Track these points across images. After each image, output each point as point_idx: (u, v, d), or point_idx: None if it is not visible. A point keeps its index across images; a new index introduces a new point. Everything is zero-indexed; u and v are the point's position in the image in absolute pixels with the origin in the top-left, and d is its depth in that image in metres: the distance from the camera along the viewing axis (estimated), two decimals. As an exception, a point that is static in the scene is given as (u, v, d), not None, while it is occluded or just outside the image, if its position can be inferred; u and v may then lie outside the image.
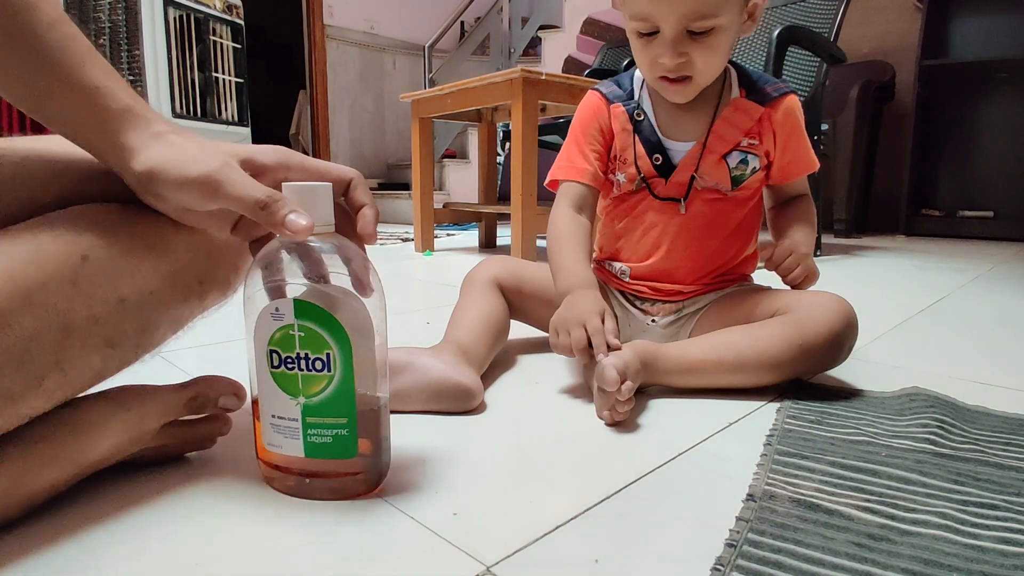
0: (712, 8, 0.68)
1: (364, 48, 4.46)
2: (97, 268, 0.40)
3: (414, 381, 0.63)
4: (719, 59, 0.73)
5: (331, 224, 0.44)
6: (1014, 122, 2.90)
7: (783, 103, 0.79)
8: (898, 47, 3.12)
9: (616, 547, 0.41)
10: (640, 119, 0.80)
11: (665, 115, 0.80)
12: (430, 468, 0.52)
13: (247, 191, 0.40)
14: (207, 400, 0.50)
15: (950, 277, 1.65)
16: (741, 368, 0.68)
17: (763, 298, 0.75)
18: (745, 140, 0.78)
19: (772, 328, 0.69)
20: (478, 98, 1.91)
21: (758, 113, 0.78)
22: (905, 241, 2.78)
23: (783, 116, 0.78)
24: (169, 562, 0.38)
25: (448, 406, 0.64)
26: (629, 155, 0.80)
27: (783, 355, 0.67)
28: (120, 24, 2.46)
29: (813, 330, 0.67)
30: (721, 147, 0.77)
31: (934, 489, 0.48)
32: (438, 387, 0.63)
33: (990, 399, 0.69)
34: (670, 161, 0.79)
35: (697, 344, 0.71)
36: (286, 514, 0.44)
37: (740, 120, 0.78)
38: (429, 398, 0.63)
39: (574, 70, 4.12)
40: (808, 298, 0.70)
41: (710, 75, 0.74)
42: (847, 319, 0.68)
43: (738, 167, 0.78)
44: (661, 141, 0.79)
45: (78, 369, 0.40)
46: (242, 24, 2.86)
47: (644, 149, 0.79)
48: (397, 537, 0.41)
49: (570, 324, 0.67)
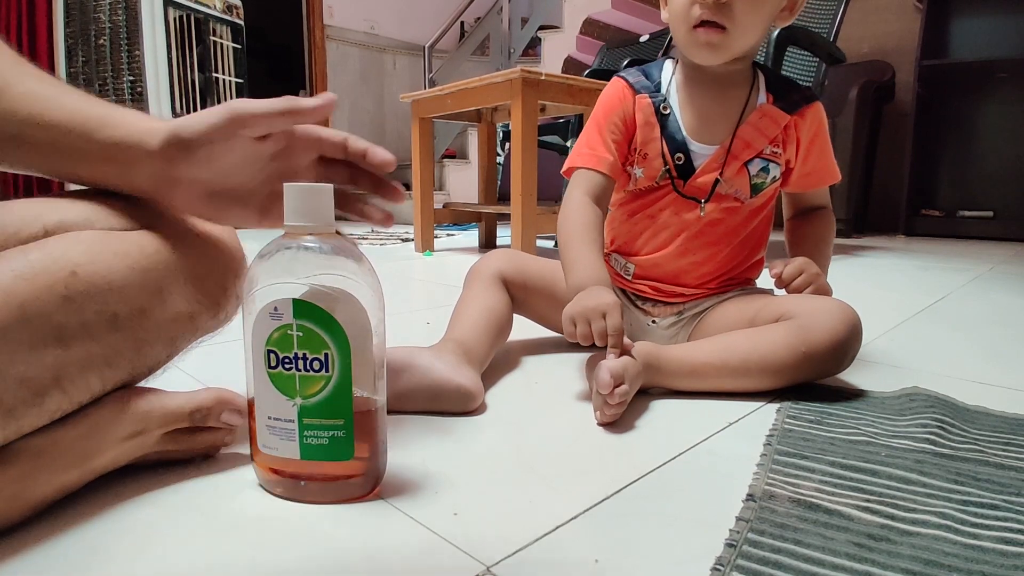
0: None
1: (364, 48, 4.46)
2: (87, 283, 0.41)
3: (415, 383, 0.63)
4: (758, 18, 0.70)
5: (331, 224, 0.44)
6: (1014, 122, 2.90)
7: (810, 111, 0.78)
8: (898, 47, 3.12)
9: (616, 547, 0.41)
10: (667, 113, 0.77)
11: (692, 114, 0.77)
12: (430, 468, 0.52)
13: (268, 102, 0.43)
14: (210, 414, 0.50)
15: (950, 277, 1.65)
16: (744, 373, 0.68)
17: (766, 303, 0.74)
18: (769, 148, 0.77)
19: (776, 334, 0.67)
20: (478, 98, 1.91)
21: (785, 121, 0.76)
22: (905, 241, 2.78)
23: (809, 125, 0.78)
24: (169, 563, 0.38)
25: (448, 407, 0.63)
26: (651, 149, 0.78)
27: (787, 361, 0.66)
28: (120, 24, 2.46)
29: (817, 338, 0.66)
30: (746, 153, 0.76)
31: (934, 489, 0.48)
32: (439, 389, 0.63)
33: (990, 399, 0.69)
34: (691, 163, 0.77)
35: (701, 347, 0.71)
36: (286, 514, 0.44)
37: (767, 127, 0.76)
38: (430, 399, 0.63)
39: (574, 70, 4.12)
40: (812, 304, 0.69)
41: (745, 37, 0.71)
42: (852, 326, 0.67)
43: (759, 175, 0.77)
44: (686, 141, 0.77)
45: (77, 388, 0.41)
46: (242, 24, 2.86)
47: (668, 147, 0.77)
48: (397, 537, 0.41)
49: (591, 314, 0.64)
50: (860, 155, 2.87)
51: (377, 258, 1.98)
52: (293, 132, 0.49)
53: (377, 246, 2.42)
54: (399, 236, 2.79)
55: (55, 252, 0.41)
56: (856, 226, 2.95)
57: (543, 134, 2.59)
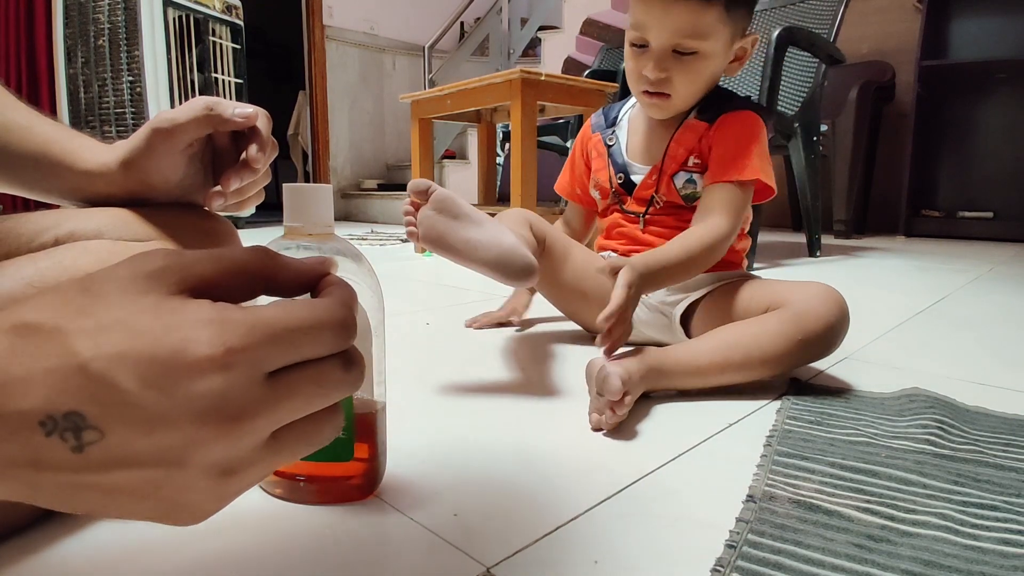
0: (701, 29, 0.75)
1: (364, 49, 4.46)
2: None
3: (488, 238, 0.66)
4: (698, 85, 0.80)
5: (331, 225, 0.44)
6: (1014, 123, 2.90)
7: (728, 118, 0.81)
8: (898, 48, 3.12)
9: (616, 548, 0.41)
10: (611, 144, 0.92)
11: (636, 139, 0.90)
12: (430, 469, 0.52)
13: (189, 107, 0.45)
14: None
15: (950, 278, 1.65)
16: (748, 366, 0.70)
17: (756, 291, 0.78)
18: (691, 159, 0.83)
19: (773, 324, 0.70)
20: (477, 99, 1.91)
21: (702, 131, 0.82)
22: (905, 242, 2.78)
23: (723, 129, 0.81)
24: (169, 564, 0.38)
25: (506, 277, 0.66)
26: (601, 176, 0.92)
27: (785, 350, 0.69)
28: (120, 25, 2.46)
29: (812, 324, 0.69)
30: (671, 167, 0.84)
31: (934, 490, 0.48)
32: (508, 254, 0.65)
33: (990, 399, 0.69)
34: (631, 181, 0.88)
35: (703, 346, 0.72)
36: (285, 515, 0.44)
37: (687, 139, 0.83)
38: (494, 263, 0.66)
39: (573, 71, 4.11)
40: (802, 291, 0.73)
41: (687, 98, 0.81)
42: (842, 310, 0.71)
43: (685, 186, 0.84)
44: (626, 164, 0.89)
45: None
46: (241, 25, 2.87)
47: (613, 170, 0.90)
48: (397, 538, 0.41)
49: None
50: (860, 156, 2.87)
51: (377, 258, 1.98)
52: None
53: (377, 246, 2.42)
54: (399, 236, 2.79)
55: (65, 261, 0.41)
56: (856, 227, 2.95)
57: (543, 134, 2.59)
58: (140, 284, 0.23)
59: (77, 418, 0.21)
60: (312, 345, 0.24)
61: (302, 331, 0.24)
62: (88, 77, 2.55)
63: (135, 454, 0.22)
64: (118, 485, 0.22)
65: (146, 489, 0.23)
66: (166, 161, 0.47)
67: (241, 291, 0.26)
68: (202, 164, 0.50)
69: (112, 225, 0.46)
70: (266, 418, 0.23)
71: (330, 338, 0.25)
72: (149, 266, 0.24)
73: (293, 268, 0.27)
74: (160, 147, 0.46)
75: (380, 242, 2.57)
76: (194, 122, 0.45)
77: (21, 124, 0.48)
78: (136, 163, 0.47)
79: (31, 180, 0.49)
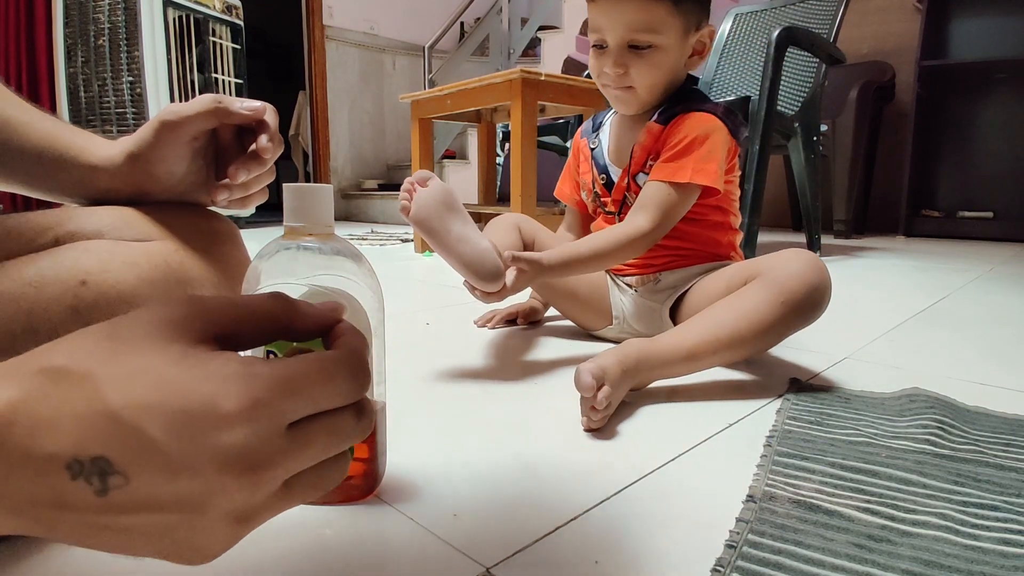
0: (652, 24, 0.78)
1: (364, 49, 4.46)
2: (97, 292, 0.41)
3: (470, 237, 0.72)
4: (656, 77, 0.82)
5: (331, 225, 0.44)
6: (1014, 123, 2.90)
7: (682, 119, 0.83)
8: (898, 47, 3.12)
9: (616, 548, 0.41)
10: (594, 148, 0.95)
11: (614, 142, 0.93)
12: (430, 469, 0.52)
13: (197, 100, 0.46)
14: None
15: (950, 278, 1.65)
16: (739, 341, 0.70)
17: (736, 269, 0.80)
18: (649, 161, 0.85)
19: (753, 293, 0.71)
20: (477, 99, 1.91)
21: (658, 133, 0.84)
22: (905, 242, 2.78)
23: (671, 127, 0.83)
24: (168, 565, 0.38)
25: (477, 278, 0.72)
26: (587, 178, 0.96)
27: (770, 317, 0.70)
28: (120, 25, 2.46)
29: (790, 285, 0.70)
30: (635, 169, 0.87)
31: (934, 490, 0.48)
32: (481, 257, 0.72)
33: (990, 400, 0.69)
34: (612, 182, 0.91)
35: (689, 329, 0.72)
36: (285, 515, 0.44)
37: (646, 141, 0.85)
38: (468, 262, 0.72)
39: (573, 71, 4.12)
40: (776, 257, 0.74)
41: (650, 89, 0.83)
42: (819, 268, 0.72)
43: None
44: (607, 165, 0.92)
45: None
46: (241, 25, 2.86)
47: (596, 172, 0.93)
48: (396, 538, 0.41)
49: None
50: (860, 156, 2.87)
51: (377, 259, 1.98)
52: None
53: (377, 247, 2.42)
54: (399, 237, 2.79)
55: (66, 261, 0.41)
56: (856, 227, 2.95)
57: (543, 134, 2.59)
58: (165, 332, 0.24)
59: (104, 463, 0.22)
60: (330, 398, 0.25)
61: (321, 384, 0.25)
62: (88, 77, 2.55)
63: (157, 499, 0.22)
64: (136, 527, 0.23)
65: (163, 532, 0.23)
66: (172, 153, 0.47)
67: (260, 337, 0.27)
68: (205, 161, 0.50)
69: (113, 225, 0.46)
70: (284, 467, 0.24)
71: (346, 390, 0.26)
72: (173, 314, 0.25)
73: (309, 316, 0.29)
74: (167, 138, 0.46)
75: (380, 242, 2.57)
76: (201, 115, 0.45)
77: (22, 120, 0.48)
78: (143, 155, 0.47)
79: (33, 176, 0.49)
